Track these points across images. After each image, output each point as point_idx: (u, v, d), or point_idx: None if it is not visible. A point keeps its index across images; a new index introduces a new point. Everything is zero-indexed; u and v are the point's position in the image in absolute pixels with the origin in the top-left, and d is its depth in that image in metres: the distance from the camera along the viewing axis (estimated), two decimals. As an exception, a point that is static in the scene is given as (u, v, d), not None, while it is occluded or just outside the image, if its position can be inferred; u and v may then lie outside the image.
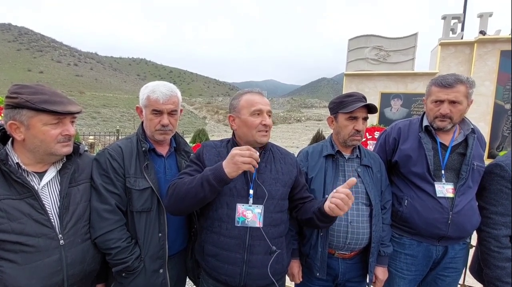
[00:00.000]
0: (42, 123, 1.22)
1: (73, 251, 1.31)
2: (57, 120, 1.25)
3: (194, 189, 1.30)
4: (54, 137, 1.25)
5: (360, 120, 1.70)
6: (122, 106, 44.43)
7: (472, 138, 1.74)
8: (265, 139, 1.47)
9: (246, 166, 1.22)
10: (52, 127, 1.24)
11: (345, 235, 1.64)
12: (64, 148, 1.30)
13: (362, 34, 8.09)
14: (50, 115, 1.22)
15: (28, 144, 1.24)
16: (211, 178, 1.26)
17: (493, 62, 6.83)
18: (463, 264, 1.86)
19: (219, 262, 1.42)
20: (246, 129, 1.47)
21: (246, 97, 1.50)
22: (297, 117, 35.88)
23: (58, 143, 1.27)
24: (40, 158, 1.28)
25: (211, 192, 1.29)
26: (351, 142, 1.72)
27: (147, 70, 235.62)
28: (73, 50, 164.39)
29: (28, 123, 1.21)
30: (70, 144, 1.33)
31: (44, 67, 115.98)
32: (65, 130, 1.28)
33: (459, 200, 1.69)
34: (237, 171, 1.23)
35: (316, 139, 9.96)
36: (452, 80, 1.67)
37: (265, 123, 1.45)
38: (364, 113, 1.71)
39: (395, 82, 7.77)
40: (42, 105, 1.19)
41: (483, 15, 6.97)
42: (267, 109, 1.48)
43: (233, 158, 1.23)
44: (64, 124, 1.28)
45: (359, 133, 1.70)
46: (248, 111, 1.46)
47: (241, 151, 1.23)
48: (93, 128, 19.61)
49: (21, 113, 1.19)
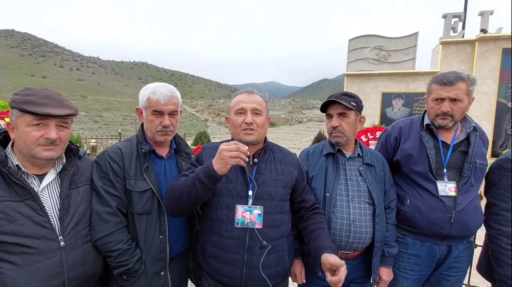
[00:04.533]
0: (25, 123, 1.22)
1: (74, 253, 1.30)
2: (38, 122, 1.22)
3: (187, 189, 1.31)
4: (34, 139, 1.23)
5: (334, 116, 1.71)
6: (124, 109, 44.63)
7: (474, 136, 1.72)
8: (249, 138, 1.44)
9: (233, 160, 1.21)
10: (34, 129, 1.23)
11: (347, 234, 1.63)
12: (45, 152, 1.25)
13: (362, 34, 8.10)
14: (32, 116, 1.21)
15: (16, 145, 1.26)
16: (202, 176, 1.27)
17: (495, 60, 6.81)
18: (467, 264, 1.83)
19: (220, 263, 1.42)
20: (233, 129, 1.50)
21: (235, 97, 1.53)
22: (298, 119, 35.86)
23: (39, 145, 1.24)
24: (29, 160, 1.27)
25: (203, 190, 1.29)
26: (333, 139, 1.75)
27: (148, 74, 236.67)
28: (75, 55, 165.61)
29: (16, 123, 1.23)
30: (53, 149, 1.27)
31: (47, 72, 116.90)
32: (46, 133, 1.25)
33: (462, 199, 1.67)
34: (225, 167, 1.23)
35: (317, 140, 9.96)
36: (452, 78, 1.66)
37: (246, 121, 1.43)
38: (338, 109, 1.70)
39: (396, 81, 7.75)
40: (22, 105, 1.19)
41: (484, 13, 6.95)
42: (252, 107, 1.46)
43: (220, 154, 1.23)
44: (48, 126, 1.25)
45: (336, 129, 1.70)
46: (233, 111, 1.49)
47: (227, 146, 1.23)
48: (96, 132, 19.70)
49: (13, 113, 1.23)
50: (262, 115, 1.49)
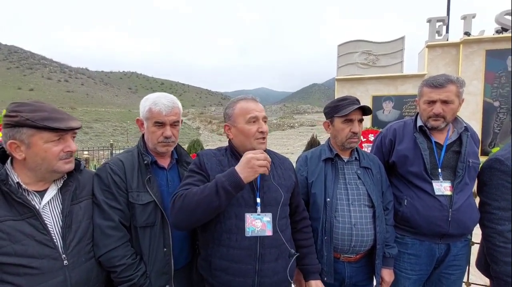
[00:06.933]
0: (43, 140, 1.20)
1: (77, 271, 1.27)
2: (58, 137, 1.23)
3: (207, 198, 1.24)
4: (56, 154, 1.23)
5: (355, 122, 1.72)
6: (114, 120, 44.14)
7: (466, 136, 1.78)
8: (263, 147, 1.45)
9: (262, 169, 1.23)
10: (54, 144, 1.23)
11: (349, 238, 1.64)
12: (66, 165, 1.28)
13: (351, 40, 8.27)
14: (51, 132, 1.21)
15: (30, 163, 1.22)
16: (227, 185, 1.23)
17: (480, 61, 7.03)
18: (466, 261, 1.87)
19: (230, 275, 1.37)
20: (243, 138, 1.45)
21: (240, 105, 1.47)
22: (290, 124, 36.10)
23: (60, 160, 1.25)
24: (42, 176, 1.26)
25: (227, 199, 1.26)
26: (349, 145, 1.75)
27: (138, 83, 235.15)
28: (63, 67, 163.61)
29: (29, 142, 1.19)
30: (72, 161, 1.31)
31: (35, 85, 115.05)
32: (66, 146, 1.26)
33: (458, 197, 1.71)
34: (254, 175, 1.24)
35: (311, 144, 10.02)
36: (443, 80, 1.71)
37: (262, 130, 1.43)
38: (359, 115, 1.74)
39: (385, 85, 7.92)
40: (43, 122, 1.18)
41: (466, 16, 7.20)
42: (263, 115, 1.46)
43: (249, 163, 1.23)
44: (66, 140, 1.27)
45: (356, 135, 1.73)
46: (244, 119, 1.43)
47: (256, 155, 1.24)
48: (86, 143, 19.41)
49: (21, 131, 1.18)
50: (267, 122, 1.51)
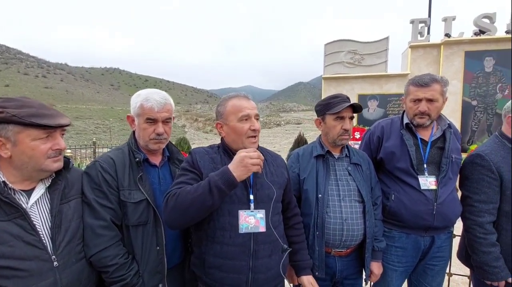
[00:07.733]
0: (30, 138, 1.15)
1: (68, 272, 1.23)
2: (46, 134, 1.18)
3: (201, 197, 1.24)
4: (44, 153, 1.18)
5: (347, 119, 1.76)
6: (96, 117, 42.91)
7: (449, 132, 1.86)
8: (254, 146, 1.45)
9: (255, 168, 1.24)
10: (42, 142, 1.17)
11: (340, 232, 1.68)
12: (54, 163, 1.23)
13: (337, 39, 8.39)
14: (39, 129, 1.16)
15: (16, 161, 1.16)
16: (220, 183, 1.23)
17: (459, 62, 7.31)
18: (449, 253, 1.96)
19: (224, 272, 1.37)
20: (235, 136, 1.44)
21: (232, 103, 1.45)
22: (276, 122, 36.31)
23: (48, 158, 1.20)
24: (29, 175, 1.21)
25: (220, 198, 1.26)
26: (340, 142, 1.78)
27: (121, 80, 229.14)
28: (41, 62, 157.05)
29: (15, 139, 1.14)
30: (60, 159, 1.26)
31: (10, 80, 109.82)
32: (55, 144, 1.21)
33: (442, 191, 1.79)
34: (247, 174, 1.24)
35: (298, 142, 10.10)
36: (428, 80, 1.78)
37: (254, 128, 1.43)
38: (350, 113, 1.78)
39: (370, 84, 8.10)
40: (30, 119, 1.12)
41: (447, 19, 7.45)
42: (255, 113, 1.45)
43: (242, 161, 1.23)
44: (54, 138, 1.22)
45: (347, 132, 1.76)
46: (236, 117, 1.42)
47: (249, 153, 1.24)
48: (67, 141, 18.75)
49: (7, 128, 1.12)
50: (259, 120, 1.50)
